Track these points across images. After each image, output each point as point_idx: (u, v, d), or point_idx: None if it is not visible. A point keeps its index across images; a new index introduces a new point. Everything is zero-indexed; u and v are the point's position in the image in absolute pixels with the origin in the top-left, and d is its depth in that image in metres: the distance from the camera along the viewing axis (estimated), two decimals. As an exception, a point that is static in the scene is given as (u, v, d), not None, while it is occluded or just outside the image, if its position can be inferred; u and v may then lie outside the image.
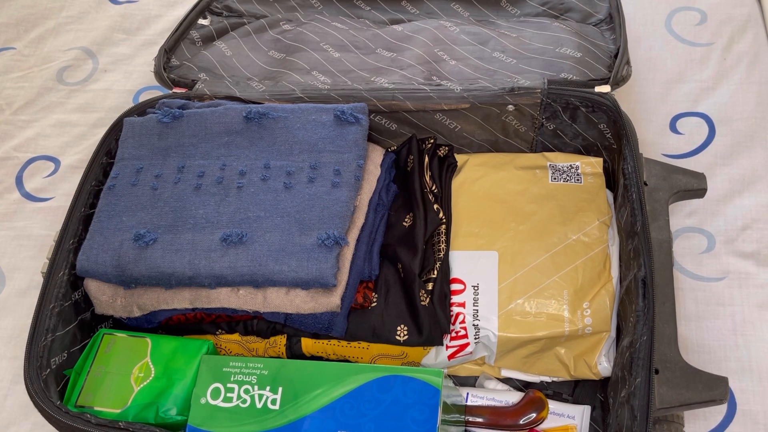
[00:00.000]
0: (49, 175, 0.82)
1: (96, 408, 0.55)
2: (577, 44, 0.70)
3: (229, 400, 0.54)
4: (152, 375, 0.56)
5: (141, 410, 0.54)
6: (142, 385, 0.56)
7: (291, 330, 0.59)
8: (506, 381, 0.61)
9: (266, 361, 0.55)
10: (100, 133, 0.68)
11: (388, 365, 0.55)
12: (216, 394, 0.54)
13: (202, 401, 0.54)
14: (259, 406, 0.53)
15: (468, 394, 0.57)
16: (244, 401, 0.54)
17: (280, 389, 0.54)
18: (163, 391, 0.55)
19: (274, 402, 0.53)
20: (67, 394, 0.56)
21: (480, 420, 0.56)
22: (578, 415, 0.56)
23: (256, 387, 0.54)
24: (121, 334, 0.59)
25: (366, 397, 0.53)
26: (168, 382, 0.56)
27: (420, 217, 0.62)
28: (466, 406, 0.58)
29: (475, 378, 0.62)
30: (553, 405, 0.57)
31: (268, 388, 0.54)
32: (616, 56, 0.68)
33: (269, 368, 0.55)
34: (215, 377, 0.55)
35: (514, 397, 0.57)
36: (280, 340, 0.59)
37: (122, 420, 0.54)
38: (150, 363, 0.57)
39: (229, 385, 0.54)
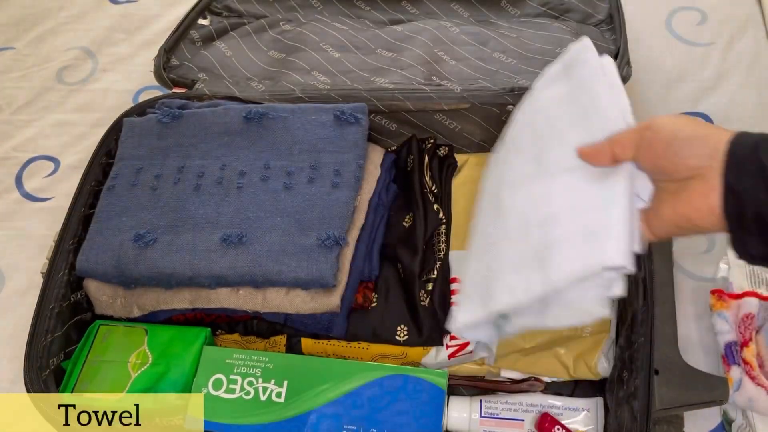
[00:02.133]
0: (48, 175, 0.82)
1: (93, 395, 0.54)
2: (578, 44, 0.70)
3: (232, 391, 0.54)
4: (150, 361, 0.56)
5: (139, 396, 0.54)
6: (139, 372, 0.55)
7: (291, 330, 0.59)
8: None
9: (271, 355, 0.55)
10: (100, 133, 0.68)
11: (395, 365, 0.55)
12: (218, 385, 0.54)
13: (203, 391, 0.54)
14: (263, 398, 0.53)
15: (481, 401, 0.57)
16: (248, 393, 0.54)
17: (286, 383, 0.54)
18: (161, 377, 0.55)
19: (279, 395, 0.53)
20: (63, 385, 0.55)
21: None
22: (592, 407, 0.57)
23: (260, 380, 0.54)
24: (117, 325, 0.59)
25: (372, 395, 0.53)
26: (166, 367, 0.56)
27: (420, 217, 0.62)
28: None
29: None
30: (566, 400, 0.57)
31: (273, 381, 0.54)
32: (616, 57, 0.68)
33: (274, 362, 0.55)
34: (217, 368, 0.55)
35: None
36: (280, 341, 0.59)
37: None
38: (147, 350, 0.57)
39: (232, 377, 0.54)
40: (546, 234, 0.45)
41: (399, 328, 0.58)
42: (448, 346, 0.58)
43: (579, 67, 0.49)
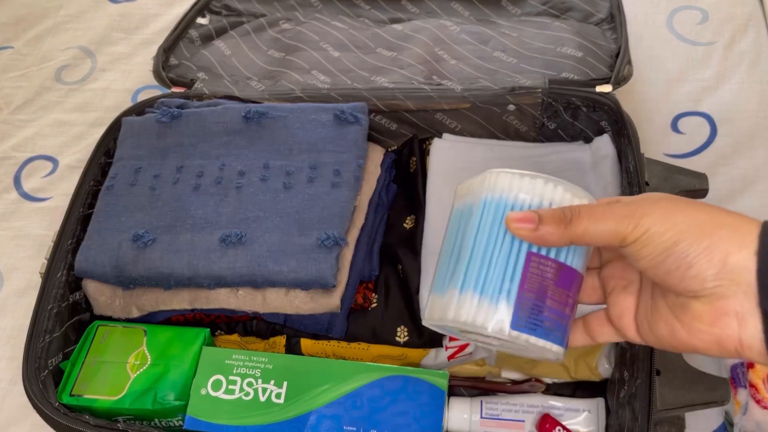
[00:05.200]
0: (47, 175, 0.81)
1: (92, 396, 0.54)
2: (578, 44, 0.69)
3: (231, 392, 0.54)
4: (148, 362, 0.56)
5: (138, 397, 0.54)
6: (138, 372, 0.55)
7: (290, 331, 0.59)
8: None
9: (271, 356, 0.55)
10: (99, 132, 0.68)
11: (395, 366, 0.55)
12: (217, 385, 0.54)
13: (203, 392, 0.54)
14: (262, 399, 0.53)
15: (482, 402, 0.57)
16: (247, 394, 0.54)
17: (285, 384, 0.54)
18: (160, 377, 0.55)
19: (278, 396, 0.53)
20: (61, 386, 0.55)
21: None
22: (593, 408, 0.56)
23: (260, 380, 0.54)
24: (115, 325, 0.59)
25: (372, 396, 0.53)
26: (165, 368, 0.55)
27: (422, 219, 0.62)
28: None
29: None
30: (567, 401, 0.57)
31: (272, 381, 0.54)
32: (617, 56, 0.68)
33: (274, 362, 0.55)
34: (217, 369, 0.55)
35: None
36: (280, 341, 0.59)
37: (120, 415, 0.54)
38: (146, 351, 0.57)
39: (231, 378, 0.54)
40: None
41: (399, 329, 0.57)
42: (447, 348, 0.58)
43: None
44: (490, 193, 0.35)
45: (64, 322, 0.59)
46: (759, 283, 0.28)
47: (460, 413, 0.56)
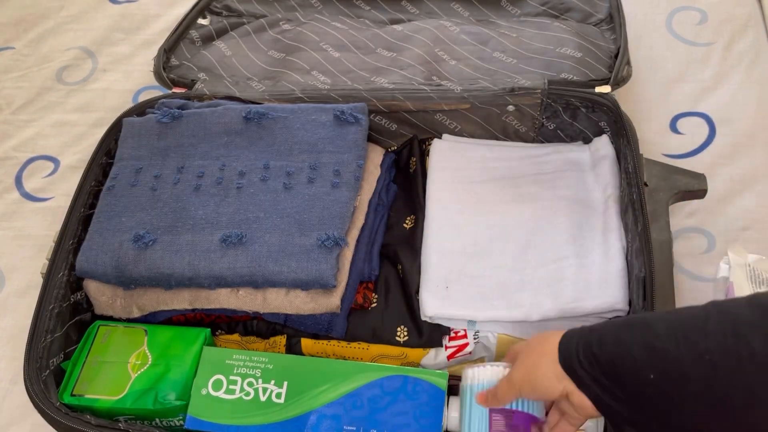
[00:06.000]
0: (48, 175, 0.82)
1: (93, 396, 0.54)
2: (578, 44, 0.70)
3: (232, 392, 0.54)
4: (149, 362, 0.56)
5: (139, 396, 0.54)
6: (139, 372, 0.55)
7: (291, 330, 0.59)
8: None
9: (271, 356, 0.55)
10: (100, 132, 0.68)
11: (395, 365, 0.55)
12: (218, 385, 0.54)
13: (203, 392, 0.54)
14: (263, 399, 0.53)
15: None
16: (248, 394, 0.54)
17: (286, 383, 0.54)
18: (161, 377, 0.55)
19: (279, 396, 0.53)
20: (62, 386, 0.55)
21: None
22: None
23: (260, 380, 0.54)
24: (117, 325, 0.59)
25: (372, 395, 0.53)
26: (166, 368, 0.56)
27: (422, 220, 0.62)
28: None
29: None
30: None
31: (272, 381, 0.54)
32: (616, 56, 0.68)
33: (274, 363, 0.55)
34: (217, 369, 0.55)
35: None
36: (280, 341, 0.59)
37: (121, 415, 0.55)
38: (147, 351, 0.57)
39: (231, 378, 0.54)
40: (560, 270, 0.57)
41: (399, 329, 0.58)
42: (447, 347, 0.58)
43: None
44: (466, 382, 0.52)
45: (65, 322, 0.59)
46: (576, 383, 0.44)
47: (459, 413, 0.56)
